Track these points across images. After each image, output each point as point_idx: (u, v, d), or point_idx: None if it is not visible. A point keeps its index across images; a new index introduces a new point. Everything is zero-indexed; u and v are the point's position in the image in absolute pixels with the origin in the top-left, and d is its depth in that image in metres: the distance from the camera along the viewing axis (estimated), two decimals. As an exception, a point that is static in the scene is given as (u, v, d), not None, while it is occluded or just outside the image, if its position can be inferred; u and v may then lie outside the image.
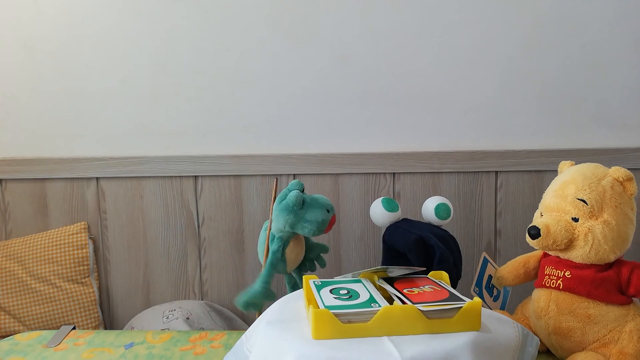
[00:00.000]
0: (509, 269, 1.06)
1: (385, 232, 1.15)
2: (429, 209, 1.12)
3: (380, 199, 1.14)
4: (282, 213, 1.08)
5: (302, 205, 1.07)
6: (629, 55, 1.39)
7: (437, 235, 1.06)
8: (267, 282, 1.09)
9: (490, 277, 1.09)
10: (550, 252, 0.98)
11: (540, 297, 0.97)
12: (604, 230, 0.90)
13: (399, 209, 1.14)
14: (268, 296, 1.10)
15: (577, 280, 0.92)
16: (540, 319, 0.96)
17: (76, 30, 1.43)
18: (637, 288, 0.91)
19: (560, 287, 0.94)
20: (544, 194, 1.01)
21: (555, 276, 0.95)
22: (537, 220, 0.96)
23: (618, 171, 0.93)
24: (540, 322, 0.97)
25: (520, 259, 1.06)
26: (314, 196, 1.11)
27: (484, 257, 1.09)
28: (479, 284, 1.07)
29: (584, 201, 0.91)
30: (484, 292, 1.07)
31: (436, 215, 1.11)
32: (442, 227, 1.13)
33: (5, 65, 1.46)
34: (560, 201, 0.94)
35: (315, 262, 1.22)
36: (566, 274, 0.94)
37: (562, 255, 0.95)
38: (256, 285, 1.09)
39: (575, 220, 0.92)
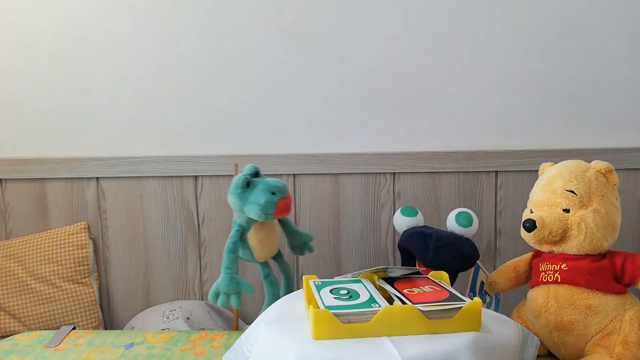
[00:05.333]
0: (500, 274, 1.08)
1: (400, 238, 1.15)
2: (450, 218, 1.12)
3: (401, 207, 1.15)
4: (229, 196, 1.08)
5: (246, 187, 1.06)
6: (629, 55, 1.39)
7: (445, 237, 1.05)
8: (228, 267, 1.07)
9: (482, 284, 1.09)
10: (542, 248, 0.98)
11: (538, 295, 0.97)
12: (595, 218, 0.93)
13: (418, 214, 1.14)
14: (236, 285, 1.07)
15: (575, 271, 0.93)
16: (540, 317, 0.96)
17: (76, 30, 1.43)
18: (631, 275, 0.93)
19: (559, 280, 0.94)
20: (530, 194, 1.03)
21: (551, 270, 0.96)
22: (529, 216, 0.97)
23: (599, 163, 0.97)
24: (540, 321, 0.97)
25: (510, 263, 1.08)
26: (266, 179, 1.09)
27: (476, 263, 1.09)
28: (472, 289, 1.07)
29: (572, 192, 0.94)
30: (477, 298, 1.07)
31: (456, 222, 1.09)
32: (467, 235, 1.11)
33: (5, 65, 1.46)
34: (550, 195, 0.97)
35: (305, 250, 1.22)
36: (562, 266, 0.95)
37: (556, 249, 0.96)
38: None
39: (567, 211, 0.95)
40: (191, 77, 1.44)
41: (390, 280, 0.90)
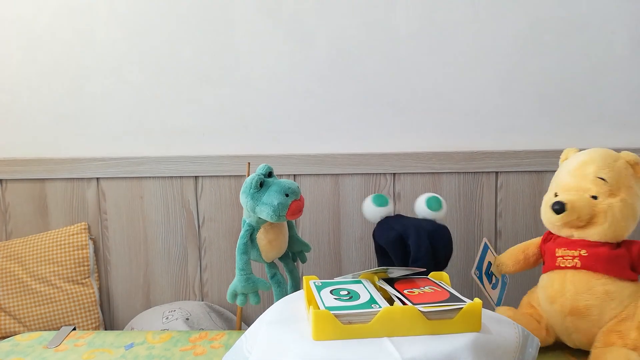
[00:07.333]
0: (508, 256, 1.09)
1: (374, 228, 1.15)
2: (420, 204, 1.12)
3: (371, 195, 1.15)
4: (242, 196, 1.07)
5: (259, 187, 1.05)
6: (630, 54, 1.39)
7: (423, 230, 1.05)
8: (242, 269, 1.07)
9: (489, 264, 1.09)
10: (562, 232, 0.98)
11: (553, 280, 0.98)
12: (622, 207, 0.94)
13: (389, 203, 1.14)
14: (252, 284, 1.07)
15: (595, 257, 0.94)
16: (555, 302, 0.97)
17: (76, 30, 1.43)
18: None
19: (578, 265, 0.95)
20: (554, 177, 1.03)
21: (570, 256, 0.96)
22: (556, 198, 0.97)
23: (629, 155, 0.98)
24: (554, 306, 0.97)
25: (520, 245, 1.09)
26: (279, 180, 1.08)
27: (485, 242, 1.09)
28: (479, 267, 1.07)
29: (603, 179, 0.95)
30: (484, 277, 1.07)
31: (428, 207, 1.10)
32: (438, 220, 1.12)
33: (5, 65, 1.46)
34: (580, 180, 0.97)
35: (298, 257, 1.23)
36: (582, 252, 0.95)
37: (577, 234, 0.96)
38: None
39: (595, 198, 0.95)
40: (191, 78, 1.44)
41: (391, 281, 0.90)
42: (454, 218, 1.44)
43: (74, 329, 1.18)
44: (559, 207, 0.95)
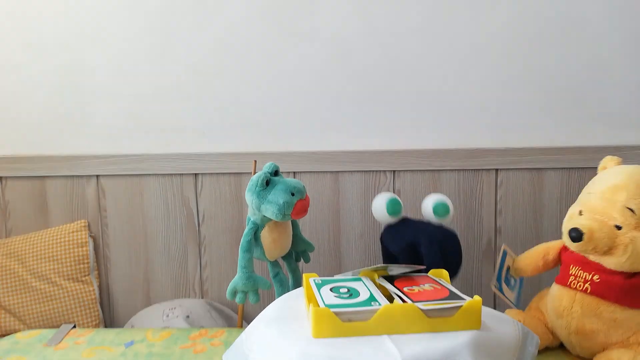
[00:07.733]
0: (528, 261, 1.05)
1: (382, 232, 1.15)
2: (427, 207, 1.12)
3: (387, 199, 1.13)
4: (247, 194, 1.06)
5: (265, 185, 1.05)
6: (631, 51, 1.38)
7: (432, 238, 1.05)
8: (244, 266, 1.06)
9: (508, 268, 1.08)
10: (577, 252, 0.95)
11: (562, 297, 0.95)
12: None
13: (402, 212, 1.13)
14: (253, 283, 1.07)
15: (606, 285, 0.90)
16: (562, 318, 0.95)
17: (76, 28, 1.43)
18: None
19: (588, 290, 0.92)
20: (585, 190, 0.97)
21: (582, 279, 0.93)
22: (578, 221, 0.92)
23: None
24: (560, 322, 0.95)
25: (539, 250, 1.05)
26: (285, 179, 1.08)
27: (504, 250, 1.08)
28: (499, 278, 1.06)
29: (632, 210, 0.89)
30: (504, 285, 1.06)
31: (434, 214, 1.11)
32: (443, 224, 1.12)
33: (5, 63, 1.45)
34: (607, 205, 0.90)
35: (301, 256, 1.22)
36: (594, 277, 0.91)
37: (593, 258, 0.92)
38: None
39: (619, 228, 0.89)
40: (191, 75, 1.43)
41: (391, 279, 0.90)
42: (454, 215, 1.44)
43: (74, 326, 1.18)
44: (575, 235, 0.90)
